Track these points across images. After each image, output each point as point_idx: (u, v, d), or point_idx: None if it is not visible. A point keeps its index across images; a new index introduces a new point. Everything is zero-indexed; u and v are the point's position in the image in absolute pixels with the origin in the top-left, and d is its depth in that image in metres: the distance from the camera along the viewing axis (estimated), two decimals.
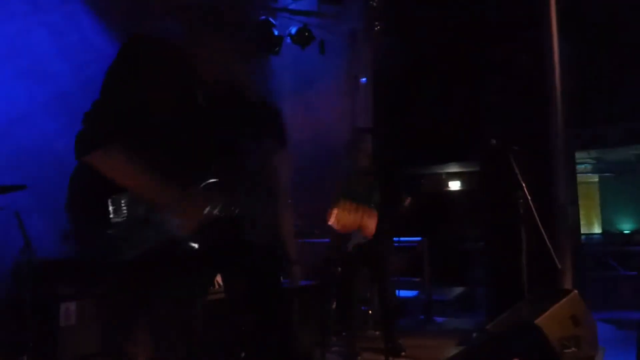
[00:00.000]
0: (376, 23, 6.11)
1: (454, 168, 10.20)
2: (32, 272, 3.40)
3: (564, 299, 3.43)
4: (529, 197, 3.84)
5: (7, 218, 3.38)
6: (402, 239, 5.82)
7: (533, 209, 3.76)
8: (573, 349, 3.16)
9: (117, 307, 1.79)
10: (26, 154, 4.35)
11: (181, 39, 1.93)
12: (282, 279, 4.67)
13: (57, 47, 5.00)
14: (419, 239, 6.22)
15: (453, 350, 4.23)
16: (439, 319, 6.09)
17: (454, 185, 10.60)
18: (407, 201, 4.37)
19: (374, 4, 5.94)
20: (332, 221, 4.22)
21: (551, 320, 3.22)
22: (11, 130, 4.43)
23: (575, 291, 3.51)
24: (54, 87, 4.94)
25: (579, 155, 8.05)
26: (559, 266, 3.87)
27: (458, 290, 7.33)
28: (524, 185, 3.87)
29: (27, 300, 3.37)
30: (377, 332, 4.98)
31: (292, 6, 6.42)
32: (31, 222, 3.53)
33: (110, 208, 1.67)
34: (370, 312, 5.33)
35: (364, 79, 6.76)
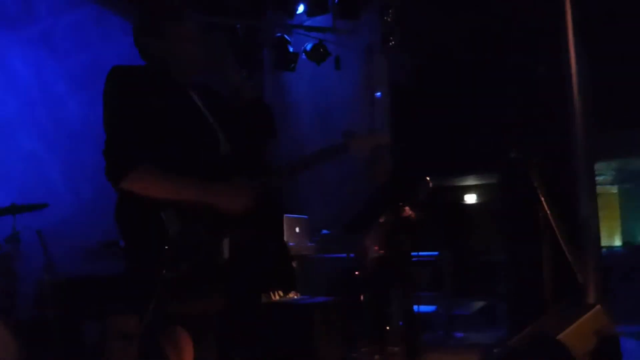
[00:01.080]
0: (391, 37, 6.11)
1: (470, 181, 10.15)
2: (55, 290, 3.44)
3: (588, 314, 3.38)
4: (550, 210, 3.80)
5: (30, 237, 3.43)
6: (420, 253, 5.79)
7: (554, 222, 3.71)
8: None
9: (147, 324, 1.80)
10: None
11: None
12: (297, 294, 4.68)
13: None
14: (436, 253, 6.17)
15: None
16: (459, 334, 6.02)
17: (471, 198, 10.53)
18: (422, 215, 4.34)
19: (389, 18, 5.95)
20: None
21: (575, 335, 3.17)
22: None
23: (599, 305, 3.45)
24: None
25: (598, 166, 7.95)
26: (582, 280, 3.81)
27: (477, 304, 7.25)
28: (544, 198, 3.83)
29: (51, 319, 3.40)
30: (397, 348, 4.94)
31: (307, 23, 6.48)
32: (53, 241, 3.58)
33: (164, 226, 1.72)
34: (387, 328, 5.29)
35: (378, 94, 6.78)
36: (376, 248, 4.41)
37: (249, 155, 2.04)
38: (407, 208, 4.27)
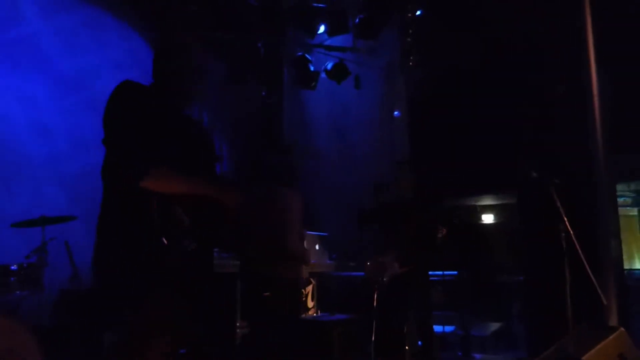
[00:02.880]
0: (410, 56, 6.17)
1: (488, 200, 10.09)
2: (79, 300, 3.48)
3: (611, 336, 3.35)
4: (572, 231, 3.78)
5: (58, 247, 3.49)
6: (437, 272, 5.76)
7: (576, 243, 3.69)
8: None
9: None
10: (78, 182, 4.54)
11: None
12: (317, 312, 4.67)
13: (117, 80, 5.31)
14: (455, 272, 6.14)
15: None
16: (478, 355, 5.95)
17: (488, 218, 10.45)
18: (443, 232, 4.34)
19: (409, 37, 6.02)
20: None
21: (598, 358, 3.14)
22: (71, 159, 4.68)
23: (622, 328, 3.42)
24: None
25: (617, 188, 7.88)
26: (605, 302, 3.77)
27: (495, 325, 7.17)
28: (566, 218, 3.82)
29: (73, 328, 3.44)
30: None
31: (328, 42, 6.56)
32: (79, 252, 3.64)
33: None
34: (407, 347, 5.26)
35: (397, 113, 6.82)
36: (397, 264, 4.39)
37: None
38: (444, 230, 4.27)
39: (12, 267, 3.50)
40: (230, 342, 3.39)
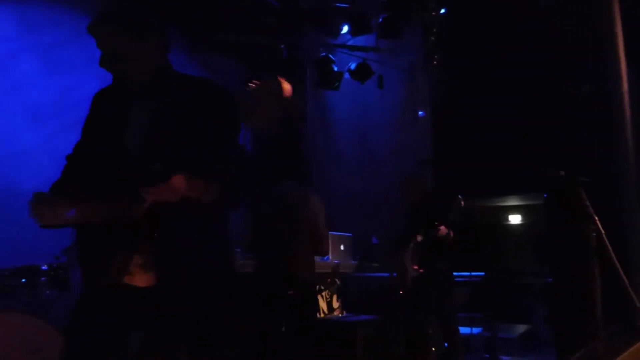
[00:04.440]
0: (434, 56, 6.13)
1: (514, 201, 9.97)
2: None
3: None
4: (603, 231, 3.71)
5: None
6: (463, 273, 5.70)
7: (607, 243, 3.62)
8: None
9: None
10: None
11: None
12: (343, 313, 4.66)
13: None
14: (482, 274, 6.07)
15: None
16: (505, 358, 5.88)
17: (515, 219, 10.33)
18: (443, 231, 4.29)
19: (432, 37, 5.97)
20: None
21: None
22: None
23: None
24: None
25: None
26: (638, 304, 3.69)
27: (521, 327, 7.07)
28: (596, 218, 3.74)
29: (98, 328, 3.48)
30: None
31: (351, 42, 6.55)
32: None
33: None
34: (433, 349, 5.22)
35: (422, 113, 6.77)
36: (415, 267, 4.42)
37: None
38: (442, 227, 4.25)
39: (43, 267, 3.56)
40: (250, 343, 3.40)
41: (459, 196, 4.37)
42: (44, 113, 4.88)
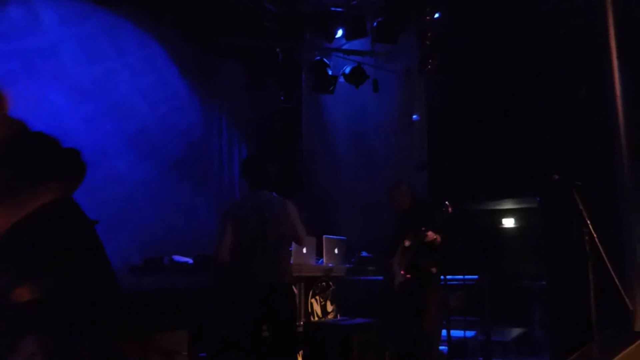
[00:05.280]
0: (429, 60, 6.14)
1: (509, 204, 9.99)
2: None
3: (638, 343, 3.28)
4: (596, 235, 3.72)
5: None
6: (458, 277, 5.71)
7: (600, 247, 3.64)
8: None
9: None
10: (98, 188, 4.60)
11: None
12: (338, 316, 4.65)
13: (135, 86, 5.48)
14: (476, 277, 6.08)
15: None
16: None
17: (509, 222, 10.35)
18: (430, 235, 4.29)
19: (427, 41, 5.99)
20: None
21: None
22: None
23: None
24: (133, 123, 5.35)
25: None
26: (631, 307, 3.70)
27: (516, 330, 7.08)
28: (589, 222, 3.76)
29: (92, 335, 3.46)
30: None
31: (346, 46, 6.57)
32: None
33: None
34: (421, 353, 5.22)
35: (416, 116, 6.79)
36: (402, 272, 4.44)
37: None
38: (430, 232, 4.26)
39: None
40: (252, 346, 3.40)
41: (446, 202, 4.39)
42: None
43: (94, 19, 5.44)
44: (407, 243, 4.42)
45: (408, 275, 4.42)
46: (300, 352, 4.22)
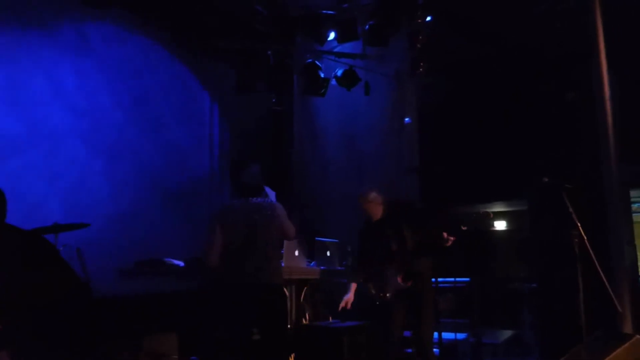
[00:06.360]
0: (420, 64, 6.17)
1: (499, 207, 10.03)
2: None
3: (626, 344, 3.31)
4: (585, 237, 3.75)
5: (70, 254, 3.51)
6: (448, 279, 5.72)
7: (590, 249, 3.67)
8: None
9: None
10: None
11: None
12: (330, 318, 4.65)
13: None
14: (466, 279, 6.10)
15: None
16: None
17: (500, 225, 10.39)
18: (450, 241, 4.25)
19: (418, 44, 6.01)
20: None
21: None
22: None
23: (637, 336, 3.38)
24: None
25: (633, 194, 7.80)
26: (620, 309, 3.73)
27: (506, 333, 7.10)
28: (579, 224, 3.79)
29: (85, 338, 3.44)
30: None
31: (338, 49, 6.57)
32: (91, 259, 3.65)
33: None
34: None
35: (407, 119, 6.81)
36: (399, 279, 4.28)
37: None
38: (445, 233, 4.18)
39: None
40: (243, 348, 3.39)
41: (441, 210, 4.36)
42: None
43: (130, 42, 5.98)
44: (394, 247, 4.30)
45: (409, 284, 4.26)
46: (292, 355, 4.21)
